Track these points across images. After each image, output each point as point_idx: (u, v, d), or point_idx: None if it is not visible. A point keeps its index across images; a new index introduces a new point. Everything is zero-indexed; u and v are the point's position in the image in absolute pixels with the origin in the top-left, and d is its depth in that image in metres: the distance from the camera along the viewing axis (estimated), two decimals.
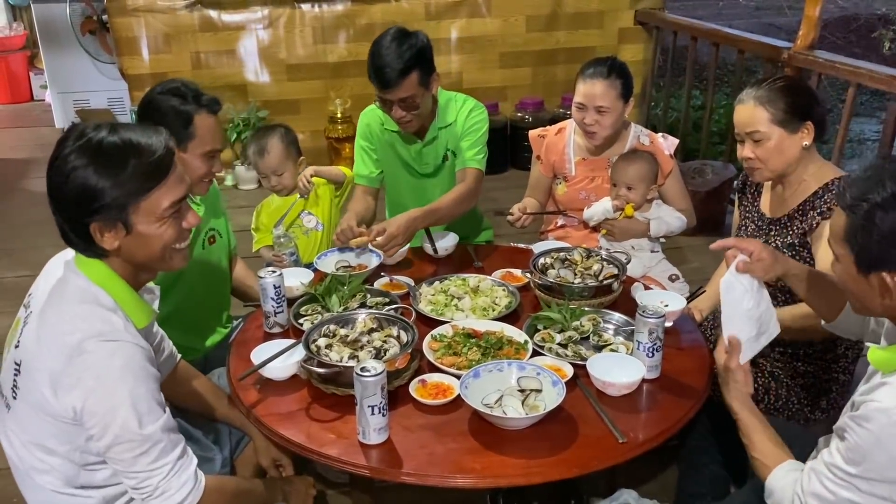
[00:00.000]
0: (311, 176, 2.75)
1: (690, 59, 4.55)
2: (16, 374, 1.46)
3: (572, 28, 5.11)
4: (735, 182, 2.33)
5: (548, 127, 2.87)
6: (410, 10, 4.91)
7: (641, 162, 2.54)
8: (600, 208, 2.59)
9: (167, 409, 1.46)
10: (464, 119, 2.53)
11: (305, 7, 4.83)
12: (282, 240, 2.52)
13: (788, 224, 2.08)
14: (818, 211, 2.00)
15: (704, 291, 2.17)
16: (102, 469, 1.48)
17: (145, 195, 1.40)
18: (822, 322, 1.77)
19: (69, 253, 1.52)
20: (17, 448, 1.50)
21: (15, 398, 1.47)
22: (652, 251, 2.66)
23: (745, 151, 2.06)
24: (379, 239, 2.22)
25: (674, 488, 1.98)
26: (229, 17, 4.77)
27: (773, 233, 2.13)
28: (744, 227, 2.24)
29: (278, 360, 1.76)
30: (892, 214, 1.29)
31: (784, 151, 2.02)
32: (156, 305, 1.61)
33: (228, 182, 5.00)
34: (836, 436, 1.40)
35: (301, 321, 1.97)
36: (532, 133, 2.86)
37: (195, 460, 1.49)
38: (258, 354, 1.79)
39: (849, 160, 5.94)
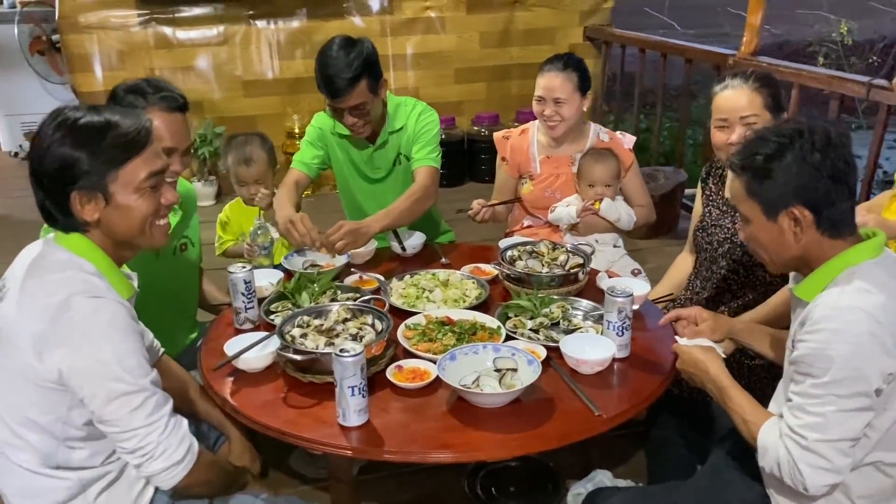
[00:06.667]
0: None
1: (639, 73, 4.70)
2: None
3: (525, 44, 5.24)
4: (701, 173, 2.40)
5: (511, 129, 2.95)
6: (366, 27, 4.96)
7: (610, 160, 2.63)
8: (565, 215, 2.64)
9: (154, 368, 1.46)
10: (414, 123, 2.56)
11: (261, 24, 4.84)
12: (259, 231, 2.46)
13: None
14: None
15: (672, 295, 2.25)
16: (81, 448, 1.45)
17: (123, 164, 1.43)
18: None
19: (42, 242, 1.51)
20: None
21: None
22: (615, 246, 2.73)
23: (733, 136, 2.02)
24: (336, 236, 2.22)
25: (643, 470, 2.03)
26: (184, 34, 4.75)
27: (737, 214, 2.19)
28: (708, 214, 2.28)
29: (251, 351, 1.75)
30: (783, 160, 1.41)
31: None
32: (135, 283, 1.60)
33: None
34: (794, 371, 1.42)
35: (272, 317, 1.97)
36: (497, 135, 2.92)
37: (185, 420, 1.48)
38: (231, 347, 1.78)
39: None
